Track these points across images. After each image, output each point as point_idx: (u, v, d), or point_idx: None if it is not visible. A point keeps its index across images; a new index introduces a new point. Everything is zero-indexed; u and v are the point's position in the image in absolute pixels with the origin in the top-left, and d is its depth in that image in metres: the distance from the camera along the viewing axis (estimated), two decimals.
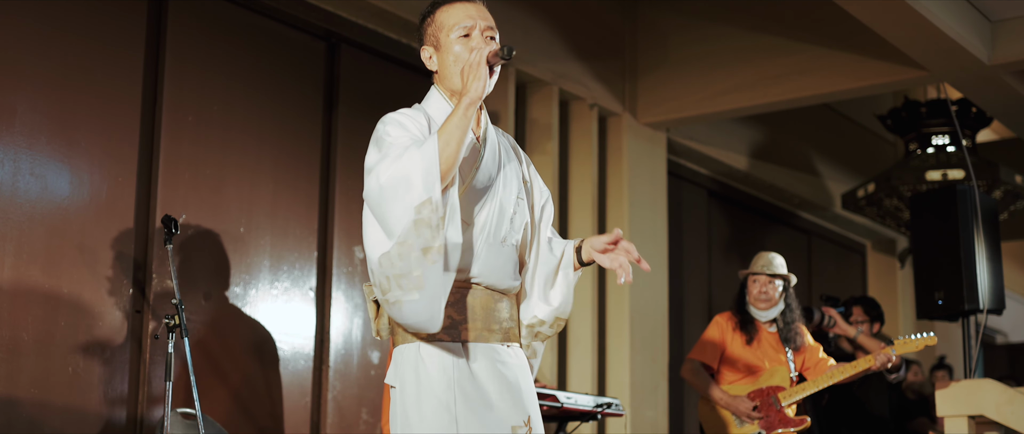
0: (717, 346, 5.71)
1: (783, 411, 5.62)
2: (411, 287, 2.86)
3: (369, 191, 2.94)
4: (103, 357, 4.99)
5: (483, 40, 3.07)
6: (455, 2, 3.10)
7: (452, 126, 2.90)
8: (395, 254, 2.87)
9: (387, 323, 3.08)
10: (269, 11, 5.85)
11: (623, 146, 7.52)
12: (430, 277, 2.86)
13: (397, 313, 2.91)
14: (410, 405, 2.95)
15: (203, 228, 5.43)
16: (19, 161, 4.81)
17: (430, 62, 3.15)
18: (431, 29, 3.12)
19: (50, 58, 4.95)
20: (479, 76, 2.94)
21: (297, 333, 5.81)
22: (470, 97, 2.93)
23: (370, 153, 3.01)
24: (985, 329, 6.28)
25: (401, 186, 2.86)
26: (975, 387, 5.75)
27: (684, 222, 8.57)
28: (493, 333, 3.06)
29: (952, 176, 8.50)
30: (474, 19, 3.08)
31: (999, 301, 6.20)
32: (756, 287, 5.75)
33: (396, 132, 3.00)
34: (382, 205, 2.90)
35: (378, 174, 2.91)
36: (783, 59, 7.25)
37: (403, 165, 2.87)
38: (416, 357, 2.98)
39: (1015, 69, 6.78)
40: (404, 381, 2.98)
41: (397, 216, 2.87)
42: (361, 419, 6.03)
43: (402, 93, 6.50)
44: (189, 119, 5.44)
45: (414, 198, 2.85)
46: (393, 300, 2.89)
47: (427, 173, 2.85)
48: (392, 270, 2.87)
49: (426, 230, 2.85)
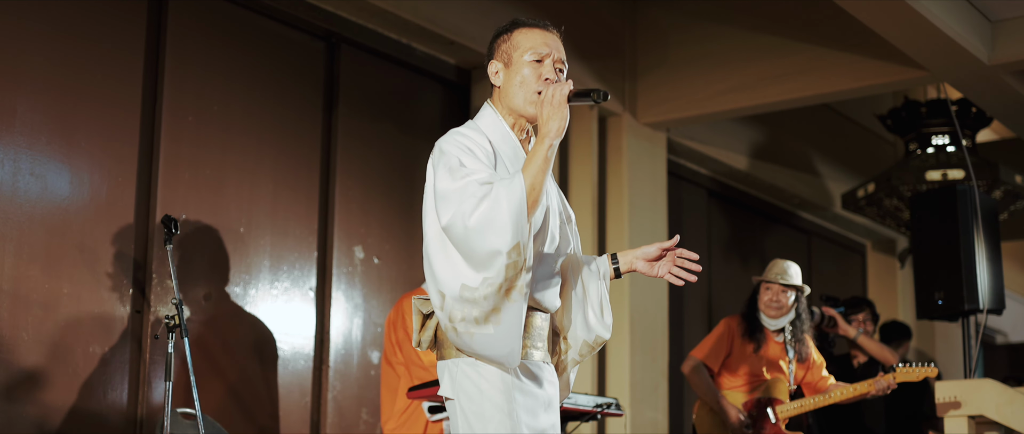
0: (721, 349, 5.70)
1: (778, 424, 5.60)
2: (487, 322, 2.95)
3: (454, 228, 2.97)
4: (103, 357, 4.99)
5: (553, 71, 3.16)
6: (536, 28, 3.20)
7: (536, 167, 2.98)
8: (480, 291, 2.94)
9: (431, 336, 3.14)
10: (269, 11, 5.85)
11: (623, 146, 7.52)
12: (509, 313, 2.95)
13: (467, 342, 2.99)
14: (470, 411, 3.04)
15: (203, 228, 5.43)
16: (19, 161, 4.81)
17: (495, 77, 3.22)
18: (505, 46, 3.20)
19: (50, 58, 4.95)
20: (561, 116, 3.02)
21: (297, 333, 5.81)
22: (552, 138, 3.00)
23: (442, 178, 3.04)
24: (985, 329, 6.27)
25: (491, 229, 2.93)
26: (975, 387, 5.74)
27: (684, 222, 8.57)
28: (538, 350, 3.17)
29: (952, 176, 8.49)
30: (550, 48, 3.17)
31: (999, 301, 6.20)
32: (768, 295, 5.69)
33: (470, 161, 3.05)
34: (469, 243, 2.95)
35: (462, 216, 2.95)
36: (783, 59, 7.25)
37: (493, 208, 2.93)
38: (473, 368, 3.05)
39: (1015, 69, 6.77)
40: (462, 390, 3.06)
41: (486, 256, 2.93)
42: (361, 419, 6.03)
43: (402, 93, 6.51)
44: (189, 119, 5.44)
45: (505, 243, 2.92)
46: (464, 330, 2.96)
47: (518, 218, 2.93)
48: (473, 303, 2.95)
49: (512, 271, 2.93)
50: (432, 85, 6.70)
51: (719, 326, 5.78)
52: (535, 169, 2.97)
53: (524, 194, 2.93)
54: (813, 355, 5.77)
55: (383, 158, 6.33)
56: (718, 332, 5.74)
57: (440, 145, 3.11)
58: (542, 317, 3.19)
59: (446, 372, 3.11)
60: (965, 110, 8.59)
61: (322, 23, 6.05)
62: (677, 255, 3.25)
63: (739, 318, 5.77)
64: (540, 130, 3.03)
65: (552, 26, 3.24)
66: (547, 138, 3.00)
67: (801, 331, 5.70)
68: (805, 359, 5.72)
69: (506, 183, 2.96)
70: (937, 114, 8.77)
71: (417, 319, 3.15)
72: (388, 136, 6.36)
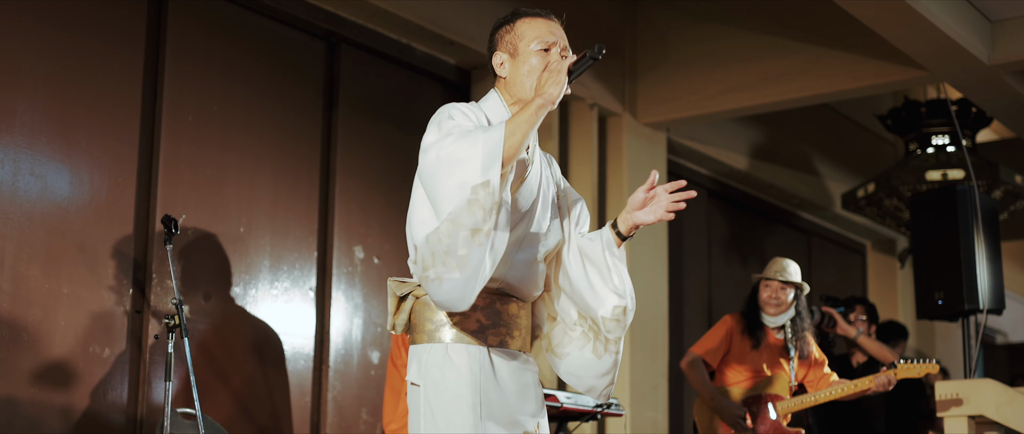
0: (721, 346, 5.71)
1: (779, 420, 5.61)
2: (454, 266, 2.88)
3: (424, 166, 2.94)
4: (103, 357, 4.99)
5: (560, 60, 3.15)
6: (538, 17, 3.20)
7: (521, 120, 2.93)
8: (444, 231, 2.88)
9: (406, 319, 3.12)
10: (269, 11, 5.85)
11: (623, 146, 7.52)
12: (473, 258, 2.87)
13: (435, 290, 2.92)
14: (435, 403, 3.00)
15: (203, 228, 5.43)
16: (19, 161, 4.81)
17: (500, 68, 3.21)
18: (509, 37, 3.20)
19: (50, 58, 4.95)
20: (559, 82, 2.99)
21: (297, 333, 5.81)
22: (545, 99, 2.97)
23: (428, 134, 3.01)
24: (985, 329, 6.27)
25: (459, 164, 2.88)
26: (975, 387, 5.74)
27: (684, 222, 8.57)
28: (514, 339, 3.14)
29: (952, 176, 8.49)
30: (555, 37, 3.17)
31: (999, 301, 6.20)
32: (767, 292, 5.71)
33: (459, 118, 3.03)
34: (436, 178, 2.90)
35: (437, 149, 2.92)
36: (783, 59, 7.25)
37: (465, 145, 2.89)
38: (443, 357, 3.03)
39: (1015, 69, 6.77)
40: (430, 379, 3.03)
41: (450, 193, 2.88)
42: (361, 419, 6.03)
43: (402, 93, 6.51)
44: (189, 119, 5.44)
45: (471, 177, 2.86)
46: (433, 276, 2.90)
47: (488, 156, 2.86)
48: (438, 247, 2.89)
49: (479, 211, 2.85)
50: (432, 85, 6.70)
51: (719, 323, 5.80)
52: (519, 120, 2.93)
53: (502, 140, 2.87)
54: (815, 353, 5.78)
55: (383, 158, 6.33)
56: (718, 329, 5.76)
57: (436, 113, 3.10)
58: (519, 305, 3.16)
59: (415, 358, 3.08)
60: (965, 110, 8.59)
61: (322, 23, 6.05)
62: (665, 191, 3.16)
63: (739, 316, 5.79)
64: (536, 92, 3.00)
65: (553, 14, 3.24)
66: (540, 98, 2.96)
67: (801, 329, 5.72)
68: (806, 357, 5.74)
69: (486, 129, 2.94)
70: (937, 114, 8.77)
71: (392, 301, 3.12)
72: (388, 136, 6.36)
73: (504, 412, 3.06)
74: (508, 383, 3.09)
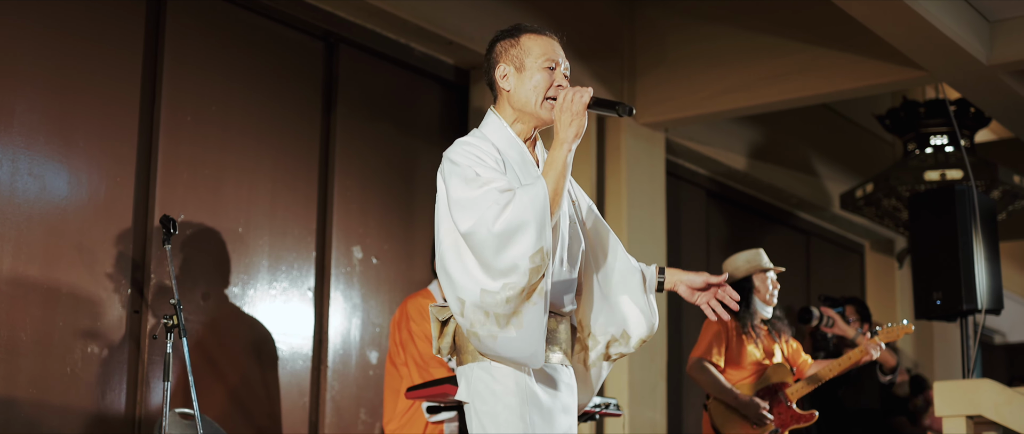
0: (719, 343, 5.71)
1: (792, 407, 5.64)
2: (508, 325, 2.98)
3: (476, 235, 2.99)
4: (101, 357, 4.99)
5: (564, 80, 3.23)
6: (543, 35, 3.27)
7: (557, 174, 3.03)
8: (501, 295, 2.97)
9: (450, 342, 3.18)
10: (268, 11, 5.85)
11: (621, 146, 7.52)
12: (530, 315, 2.99)
13: (491, 347, 3.02)
14: (487, 420, 3.08)
15: (201, 228, 5.43)
16: (17, 161, 4.80)
17: (504, 81, 3.25)
18: (514, 51, 3.24)
19: (49, 58, 4.94)
20: (580, 122, 3.07)
21: (295, 333, 5.81)
22: (570, 142, 3.06)
23: (457, 187, 3.07)
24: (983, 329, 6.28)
25: (518, 234, 2.96)
26: (973, 387, 5.74)
27: (682, 222, 8.57)
28: (554, 354, 3.21)
29: (950, 176, 8.49)
30: (559, 57, 3.24)
31: (997, 301, 6.20)
32: (770, 284, 5.74)
33: (485, 171, 3.08)
34: (494, 249, 2.97)
35: (487, 221, 2.98)
36: (782, 59, 7.24)
37: (518, 214, 2.97)
38: (488, 375, 3.09)
39: (1014, 69, 6.77)
40: (477, 395, 3.11)
41: (511, 261, 2.96)
42: (359, 419, 6.02)
43: (401, 93, 6.50)
44: (187, 119, 5.44)
45: (529, 247, 2.95)
46: (486, 334, 3.00)
47: (542, 224, 2.96)
48: (494, 308, 2.98)
49: (535, 276, 2.97)
50: (431, 85, 6.70)
51: (707, 324, 5.79)
52: (555, 174, 3.03)
53: (548, 200, 2.97)
54: (792, 339, 5.88)
55: (382, 158, 6.33)
56: (712, 328, 5.74)
57: (449, 156, 3.14)
58: (557, 320, 3.22)
59: (463, 377, 3.16)
60: (963, 110, 8.59)
61: (321, 23, 6.05)
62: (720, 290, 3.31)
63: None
64: (558, 135, 3.07)
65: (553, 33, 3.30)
66: (565, 143, 3.05)
67: (781, 316, 5.84)
68: (788, 341, 5.84)
69: (529, 189, 3.00)
70: (935, 114, 8.77)
71: (435, 327, 3.19)
72: (387, 136, 6.36)
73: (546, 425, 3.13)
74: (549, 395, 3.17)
